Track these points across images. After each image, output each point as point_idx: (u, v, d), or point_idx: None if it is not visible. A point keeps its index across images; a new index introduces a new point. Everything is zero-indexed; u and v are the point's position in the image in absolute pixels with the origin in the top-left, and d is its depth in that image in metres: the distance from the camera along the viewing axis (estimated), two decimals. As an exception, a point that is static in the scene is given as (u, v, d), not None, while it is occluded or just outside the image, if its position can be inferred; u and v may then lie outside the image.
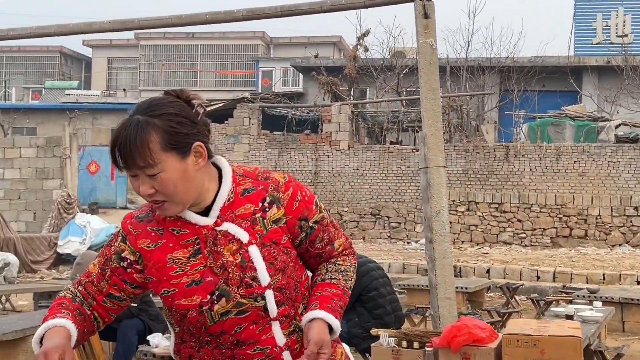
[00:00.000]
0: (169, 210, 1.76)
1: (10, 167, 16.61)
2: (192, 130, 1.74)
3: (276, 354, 1.82)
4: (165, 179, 1.71)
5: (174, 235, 1.79)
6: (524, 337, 3.11)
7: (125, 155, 1.70)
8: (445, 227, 5.31)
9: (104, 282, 1.83)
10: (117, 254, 1.83)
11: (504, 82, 22.74)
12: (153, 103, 1.76)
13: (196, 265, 1.77)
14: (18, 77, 33.70)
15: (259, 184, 1.84)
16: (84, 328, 1.80)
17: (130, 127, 1.70)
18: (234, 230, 1.78)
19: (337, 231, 1.95)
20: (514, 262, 13.45)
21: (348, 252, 1.96)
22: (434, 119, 5.48)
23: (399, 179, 17.78)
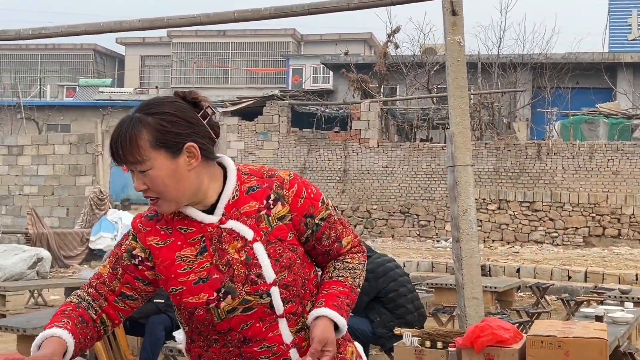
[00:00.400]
0: (162, 207, 1.79)
1: (44, 164, 16.91)
2: (186, 130, 1.76)
3: (283, 352, 1.81)
4: (154, 176, 1.74)
5: (181, 234, 1.81)
6: (548, 338, 3.06)
7: (117, 151, 1.75)
8: (472, 226, 5.26)
9: (116, 281, 1.84)
10: (128, 252, 1.84)
11: (536, 79, 22.44)
12: (152, 102, 1.80)
13: (203, 262, 1.78)
14: (53, 75, 34.23)
15: (264, 181, 1.84)
16: (85, 336, 1.81)
17: (125, 124, 1.75)
18: (239, 228, 1.79)
19: (345, 229, 1.94)
20: (545, 261, 13.29)
21: (357, 249, 1.95)
22: (462, 117, 5.43)
23: (429, 177, 17.68)
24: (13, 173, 17.19)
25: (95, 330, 1.85)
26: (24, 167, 17.11)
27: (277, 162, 18.84)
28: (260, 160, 18.99)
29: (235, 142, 19.29)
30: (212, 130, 1.82)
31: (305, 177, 15.35)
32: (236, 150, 19.26)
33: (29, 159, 17.11)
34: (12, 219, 16.95)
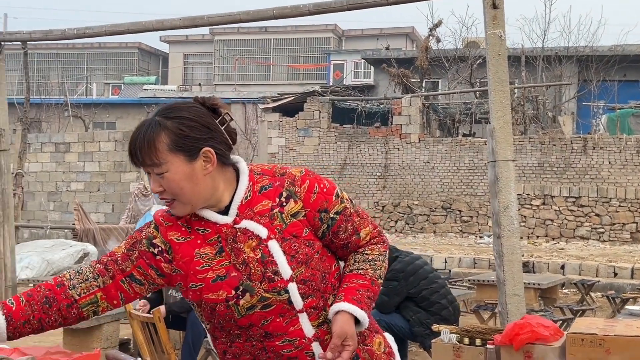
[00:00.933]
0: (177, 209, 1.82)
1: (91, 161, 17.27)
2: (203, 135, 1.80)
3: (305, 345, 1.83)
4: (170, 179, 1.78)
5: (200, 234, 1.84)
6: (588, 336, 3.01)
7: (136, 153, 1.79)
8: (514, 222, 5.19)
9: (129, 262, 1.85)
10: (149, 239, 1.86)
11: (582, 72, 22.01)
12: (172, 106, 1.84)
13: (222, 261, 1.81)
14: (99, 73, 34.88)
15: (276, 180, 1.87)
16: (41, 317, 1.80)
17: (144, 127, 1.79)
18: (253, 227, 1.82)
19: (363, 220, 1.93)
20: (590, 257, 13.05)
21: (376, 240, 1.94)
22: (503, 111, 5.36)
23: (471, 172, 17.51)
24: (60, 170, 17.59)
25: (68, 311, 1.82)
26: (71, 163, 17.49)
27: (317, 158, 18.87)
28: (301, 156, 19.05)
29: (276, 138, 19.39)
30: (229, 136, 1.86)
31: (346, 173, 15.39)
32: (277, 146, 19.35)
33: (76, 155, 17.48)
34: (59, 215, 17.36)
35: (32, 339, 7.19)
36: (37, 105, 23.97)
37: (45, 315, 1.80)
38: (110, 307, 1.87)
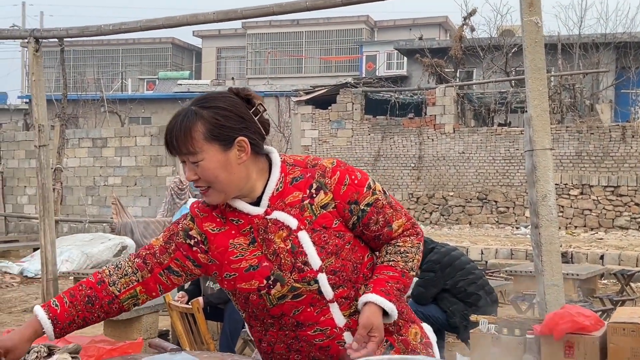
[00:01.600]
0: (211, 197, 1.85)
1: (127, 155, 17.49)
2: (238, 125, 1.83)
3: (337, 335, 1.84)
4: (206, 167, 1.81)
5: (234, 225, 1.87)
6: (630, 325, 2.97)
7: (172, 142, 1.82)
8: (552, 212, 5.12)
9: (166, 255, 1.89)
10: (185, 231, 1.90)
11: (620, 59, 21.59)
12: (207, 96, 1.87)
13: (254, 251, 1.84)
14: (133, 69, 35.26)
15: (307, 171, 1.88)
16: (85, 315, 1.87)
17: (180, 116, 1.82)
18: (283, 218, 1.83)
19: (396, 212, 1.91)
20: (630, 247, 12.83)
21: (410, 232, 1.92)
22: (540, 99, 5.28)
23: (507, 162, 17.32)
24: (98, 165, 17.86)
25: (110, 307, 1.89)
26: (108, 158, 17.74)
27: (350, 150, 18.85)
28: (334, 149, 19.04)
29: (310, 130, 19.41)
30: (262, 126, 1.88)
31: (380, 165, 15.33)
32: (310, 139, 19.37)
33: (113, 150, 17.73)
34: (97, 209, 17.64)
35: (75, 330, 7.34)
36: (74, 102, 24.34)
37: (89, 314, 1.87)
38: (149, 298, 1.93)
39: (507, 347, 3.36)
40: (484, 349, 3.42)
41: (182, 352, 2.02)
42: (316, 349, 1.85)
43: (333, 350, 1.84)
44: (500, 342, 3.36)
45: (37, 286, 10.02)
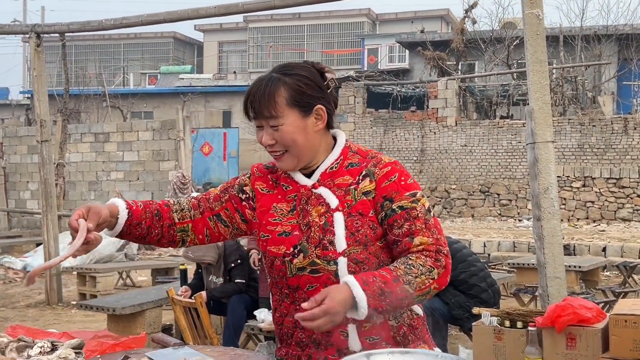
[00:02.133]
0: (285, 161, 1.91)
1: (129, 150, 17.49)
2: (317, 94, 1.90)
3: (342, 324, 1.81)
4: (285, 131, 1.87)
5: (283, 190, 1.96)
6: (632, 317, 2.96)
7: (254, 105, 1.89)
8: (554, 205, 5.13)
9: (219, 203, 2.00)
10: (240, 186, 2.02)
11: (622, 51, 21.54)
12: (288, 65, 1.96)
13: (291, 219, 1.91)
14: (135, 63, 35.26)
15: (365, 161, 1.92)
16: (149, 225, 1.95)
17: (263, 81, 1.89)
18: (326, 195, 1.89)
19: (427, 230, 1.83)
20: (632, 239, 12.83)
21: (429, 254, 1.81)
22: (541, 92, 5.28)
23: (510, 155, 17.31)
24: (100, 159, 17.86)
25: (168, 231, 1.97)
26: (110, 153, 17.75)
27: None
28: (337, 142, 19.03)
29: (312, 124, 19.40)
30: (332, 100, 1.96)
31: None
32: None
33: (115, 145, 17.73)
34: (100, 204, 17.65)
35: (77, 325, 7.35)
36: (76, 97, 24.34)
37: (153, 226, 1.96)
38: (197, 240, 2.00)
39: (510, 340, 3.37)
40: (486, 342, 3.43)
41: (185, 347, 2.03)
42: (319, 332, 1.85)
43: (334, 338, 1.85)
44: (503, 335, 3.37)
45: (40, 281, 10.03)
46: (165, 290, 5.71)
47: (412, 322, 1.92)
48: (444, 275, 1.81)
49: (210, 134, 24.65)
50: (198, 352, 1.94)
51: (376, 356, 1.66)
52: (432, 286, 1.78)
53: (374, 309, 1.69)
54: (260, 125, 1.90)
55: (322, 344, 1.87)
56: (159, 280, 8.95)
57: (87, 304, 6.33)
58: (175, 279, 8.41)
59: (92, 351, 2.07)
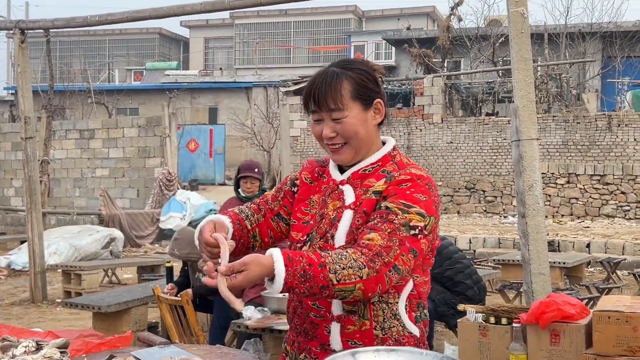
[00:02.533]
0: (344, 154, 1.92)
1: (115, 147, 17.40)
2: (376, 88, 1.95)
3: (327, 320, 1.85)
4: (348, 123, 1.89)
5: (322, 181, 2.00)
6: (615, 313, 3.00)
7: (318, 98, 1.90)
8: (538, 202, 5.17)
9: (276, 203, 2.04)
10: (292, 181, 2.07)
11: (606, 49, 21.70)
12: (348, 60, 2.01)
13: (315, 209, 1.96)
14: (120, 59, 35.06)
15: (396, 171, 1.91)
16: (239, 234, 1.97)
17: (326, 75, 1.91)
18: (347, 192, 1.92)
19: (387, 235, 1.74)
20: (616, 236, 12.94)
21: (367, 252, 1.71)
22: (526, 89, 5.32)
23: (495, 152, 17.40)
24: (85, 156, 17.76)
25: (248, 239, 2.01)
26: (96, 150, 17.65)
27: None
28: (324, 139, 19.02)
29: (298, 121, 19.40)
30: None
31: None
32: (299, 129, 19.37)
33: (100, 142, 17.63)
34: (85, 201, 17.56)
35: (62, 323, 7.32)
36: (61, 93, 24.17)
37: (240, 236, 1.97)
38: (263, 244, 2.02)
39: (495, 336, 3.39)
40: (472, 338, 3.45)
41: (171, 345, 2.03)
42: (309, 322, 1.88)
43: (319, 331, 1.86)
44: (488, 331, 3.39)
45: (25, 279, 9.98)
46: (151, 288, 5.70)
47: (400, 338, 1.86)
48: (374, 280, 1.69)
49: (197, 131, 24.57)
50: (184, 351, 1.94)
51: (362, 354, 1.66)
52: (357, 284, 1.67)
53: (289, 287, 1.65)
54: (320, 119, 1.92)
55: (309, 334, 1.89)
56: (144, 278, 8.92)
57: (72, 302, 6.30)
58: (161, 276, 8.39)
59: (78, 350, 2.07)
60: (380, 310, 1.85)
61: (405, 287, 1.88)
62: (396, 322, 1.86)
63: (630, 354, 2.99)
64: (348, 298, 1.72)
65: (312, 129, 1.96)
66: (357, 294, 1.69)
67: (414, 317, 1.91)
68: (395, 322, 1.86)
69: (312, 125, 1.95)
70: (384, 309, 1.85)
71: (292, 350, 1.95)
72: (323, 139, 1.92)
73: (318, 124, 1.93)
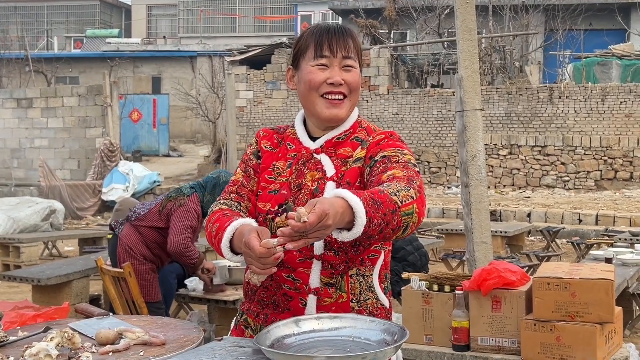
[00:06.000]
0: (343, 108, 1.89)
1: (54, 116, 16.93)
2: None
3: (303, 292, 1.83)
4: (357, 74, 1.90)
5: (286, 149, 1.94)
6: (554, 280, 3.07)
7: (338, 40, 1.86)
8: (481, 171, 5.24)
9: (252, 182, 1.96)
10: (254, 154, 1.99)
11: (549, 21, 22.05)
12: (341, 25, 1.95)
13: (284, 176, 1.90)
14: (59, 26, 33.97)
15: (369, 136, 1.91)
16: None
17: (338, 25, 1.92)
18: (326, 163, 1.88)
19: (403, 168, 1.74)
20: (556, 205, 13.29)
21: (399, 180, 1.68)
22: (471, 60, 5.35)
23: (440, 123, 17.58)
24: (23, 126, 17.23)
25: None
26: (34, 119, 17.13)
27: (286, 112, 18.76)
28: (270, 110, 18.91)
29: (244, 91, 19.20)
30: None
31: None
32: (245, 99, 19.17)
33: (39, 111, 17.12)
34: (24, 172, 17.07)
35: (1, 296, 7.13)
36: (-3, 61, 23.34)
37: None
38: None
39: (437, 303, 3.44)
40: (415, 305, 3.49)
41: (110, 316, 1.97)
42: (280, 294, 1.84)
43: (293, 303, 1.84)
44: (431, 299, 3.43)
45: (-39, 252, 9.66)
46: (94, 260, 5.58)
47: (374, 310, 1.87)
48: (421, 201, 1.66)
49: (139, 100, 24.08)
50: (123, 322, 1.89)
51: (304, 321, 1.65)
52: (414, 205, 1.62)
53: (369, 218, 1.51)
54: (325, 65, 1.85)
55: (281, 306, 1.86)
56: (86, 250, 8.75)
57: (10, 275, 6.14)
58: (103, 248, 8.24)
59: (12, 322, 2.00)
60: (357, 282, 1.84)
61: (379, 259, 1.89)
62: (371, 294, 1.87)
63: (568, 318, 3.07)
64: (409, 227, 1.62)
65: (311, 76, 1.85)
66: (415, 218, 1.63)
67: (383, 288, 1.91)
68: (370, 294, 1.87)
69: (312, 72, 1.85)
70: (361, 281, 1.85)
71: (257, 323, 1.90)
72: (322, 88, 1.85)
73: (321, 71, 1.85)
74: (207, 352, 1.61)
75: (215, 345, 1.66)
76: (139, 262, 4.71)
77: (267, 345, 1.53)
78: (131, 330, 1.75)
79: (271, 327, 1.61)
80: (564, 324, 3.07)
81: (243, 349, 1.62)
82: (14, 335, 1.81)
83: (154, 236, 4.77)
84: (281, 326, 1.63)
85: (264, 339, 1.56)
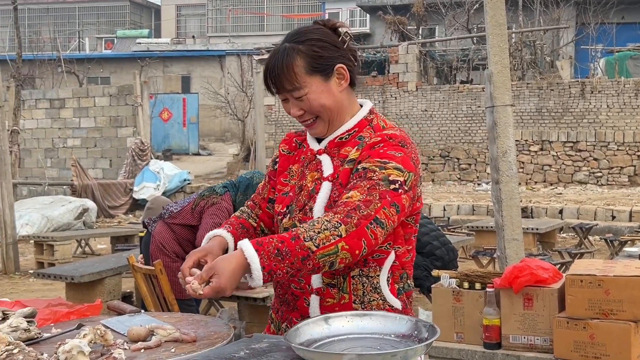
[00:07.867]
0: (318, 128, 1.88)
1: (86, 116, 17.16)
2: (334, 54, 1.85)
3: (306, 292, 1.83)
4: (312, 99, 1.83)
5: (301, 151, 1.97)
6: (587, 277, 3.02)
7: (275, 81, 1.84)
8: (512, 168, 5.18)
9: (266, 189, 2.02)
10: (273, 160, 2.04)
11: (580, 15, 21.75)
12: (298, 31, 1.90)
13: (294, 179, 1.93)
14: (91, 27, 34.40)
15: (371, 136, 1.86)
16: (245, 236, 1.91)
17: (278, 54, 1.84)
18: (325, 163, 1.87)
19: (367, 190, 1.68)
20: (588, 202, 13.11)
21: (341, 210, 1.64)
22: (500, 55, 5.30)
23: (469, 119, 17.44)
24: (56, 126, 17.49)
25: (257, 236, 1.99)
26: (67, 120, 17.39)
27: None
28: (298, 107, 18.91)
29: (273, 89, 19.23)
30: (351, 54, 1.90)
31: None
32: (273, 98, 19.19)
33: (71, 111, 17.37)
34: (57, 172, 17.34)
35: (36, 294, 7.25)
36: (30, 62, 23.70)
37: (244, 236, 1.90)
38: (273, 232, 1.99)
39: (468, 301, 3.41)
40: (445, 303, 3.46)
41: (142, 313, 1.99)
42: (290, 293, 1.86)
43: (299, 303, 1.84)
44: (461, 296, 3.40)
45: None
46: (125, 258, 5.64)
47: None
48: (355, 235, 1.60)
49: (169, 100, 24.30)
50: (155, 319, 1.91)
51: (334, 319, 1.65)
52: (338, 244, 1.58)
53: (269, 271, 1.56)
54: (285, 99, 1.86)
55: (291, 305, 1.87)
56: (118, 248, 8.86)
57: (44, 273, 6.24)
58: (135, 246, 8.33)
59: (45, 320, 2.02)
60: (360, 284, 1.82)
61: (387, 259, 1.83)
62: (376, 295, 1.83)
63: (602, 316, 3.02)
64: (337, 263, 1.61)
65: (283, 107, 1.91)
66: (343, 255, 1.60)
67: (396, 289, 1.87)
68: (376, 295, 1.83)
69: (282, 103, 1.90)
70: (364, 282, 1.82)
71: (277, 319, 1.94)
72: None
73: (285, 103, 1.88)
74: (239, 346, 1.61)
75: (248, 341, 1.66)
76: (172, 259, 4.75)
77: (297, 343, 1.53)
78: (162, 327, 1.77)
79: (301, 325, 1.61)
80: (597, 321, 3.02)
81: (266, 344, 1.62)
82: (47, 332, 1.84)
83: (187, 234, 4.80)
84: (311, 324, 1.63)
85: (294, 336, 1.56)
